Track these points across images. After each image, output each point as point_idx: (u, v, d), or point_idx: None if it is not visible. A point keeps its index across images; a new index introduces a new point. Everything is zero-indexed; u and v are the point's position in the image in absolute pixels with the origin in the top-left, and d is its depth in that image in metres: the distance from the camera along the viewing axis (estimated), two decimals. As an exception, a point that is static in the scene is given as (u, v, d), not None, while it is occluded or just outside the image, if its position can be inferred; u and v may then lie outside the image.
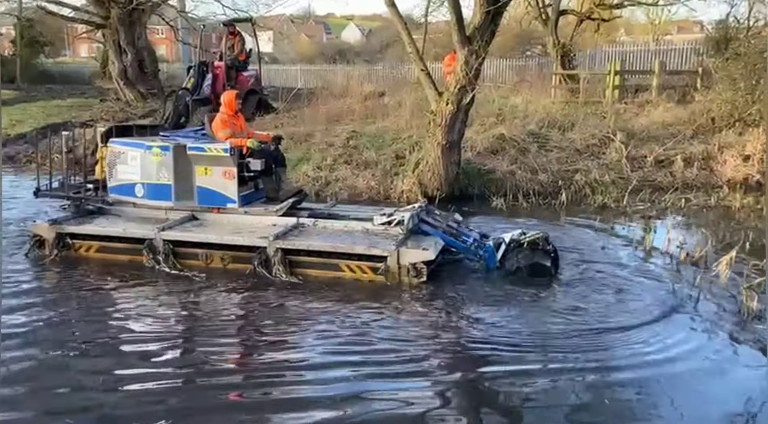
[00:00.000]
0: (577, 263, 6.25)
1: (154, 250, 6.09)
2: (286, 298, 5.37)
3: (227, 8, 17.19)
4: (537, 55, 21.87)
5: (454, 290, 5.53)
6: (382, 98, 14.51)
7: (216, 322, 4.93)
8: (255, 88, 14.04)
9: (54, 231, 6.41)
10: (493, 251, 5.90)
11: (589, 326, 4.73)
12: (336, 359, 4.27)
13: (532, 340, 4.53)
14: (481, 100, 11.21)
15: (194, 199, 6.46)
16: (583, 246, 6.88)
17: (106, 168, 6.75)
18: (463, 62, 8.28)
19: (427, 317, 4.98)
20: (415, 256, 5.57)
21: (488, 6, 8.03)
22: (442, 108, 8.67)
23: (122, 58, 16.08)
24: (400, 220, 5.92)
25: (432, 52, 18.28)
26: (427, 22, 10.53)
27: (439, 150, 8.88)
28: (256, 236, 5.94)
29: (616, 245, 7.02)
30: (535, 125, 11.14)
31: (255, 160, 6.36)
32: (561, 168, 9.87)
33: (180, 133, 7.10)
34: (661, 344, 4.44)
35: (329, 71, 21.51)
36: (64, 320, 5.00)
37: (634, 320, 4.83)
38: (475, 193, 9.34)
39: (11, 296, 5.40)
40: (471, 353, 4.45)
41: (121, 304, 5.33)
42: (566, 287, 5.59)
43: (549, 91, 14.93)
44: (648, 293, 5.44)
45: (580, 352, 4.31)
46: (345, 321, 4.88)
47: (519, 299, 5.34)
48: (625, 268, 6.14)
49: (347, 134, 11.07)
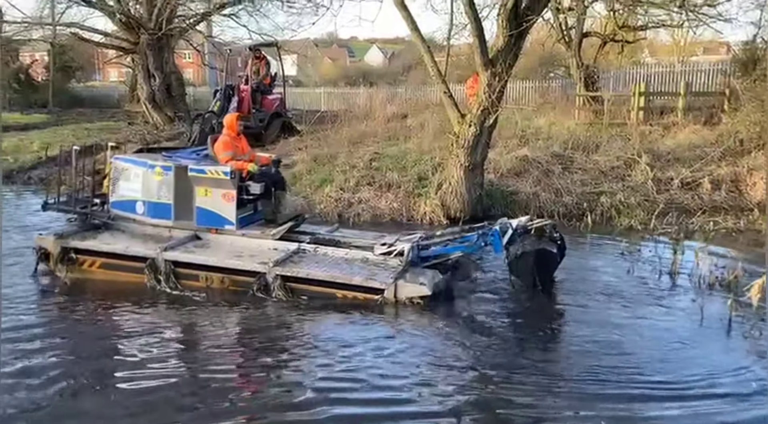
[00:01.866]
0: (602, 286, 6.15)
1: (155, 269, 6.12)
2: (288, 317, 5.38)
3: (253, 33, 17.52)
4: (560, 77, 21.82)
5: (473, 328, 5.41)
6: (404, 120, 14.58)
7: (221, 347, 4.90)
8: (279, 111, 14.23)
9: (59, 245, 6.47)
10: (499, 236, 5.80)
11: (615, 357, 4.60)
12: (339, 384, 4.22)
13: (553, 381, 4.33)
14: (504, 122, 11.20)
15: (193, 219, 6.51)
16: (609, 268, 6.78)
17: (110, 184, 6.84)
18: (486, 85, 8.30)
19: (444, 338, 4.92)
20: (412, 290, 5.54)
21: (511, 29, 8.06)
22: (464, 130, 8.68)
23: (150, 82, 16.44)
24: (399, 251, 5.91)
25: (454, 75, 18.36)
26: (449, 45, 10.60)
27: (462, 172, 8.87)
28: (256, 260, 5.97)
29: (642, 267, 6.89)
30: (559, 147, 11.07)
31: (255, 184, 6.45)
32: (585, 190, 9.77)
33: (182, 154, 7.18)
34: (695, 374, 4.31)
35: (352, 94, 21.72)
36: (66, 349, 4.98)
37: (662, 350, 4.71)
38: (499, 214, 9.25)
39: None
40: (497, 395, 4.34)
41: (123, 327, 5.36)
42: (591, 313, 5.49)
43: (572, 113, 14.86)
44: (677, 319, 5.32)
45: (611, 400, 4.02)
46: (348, 341, 4.85)
47: (540, 326, 5.25)
48: (652, 292, 6.03)
49: (370, 156, 11.12)
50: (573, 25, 16.55)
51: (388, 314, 5.41)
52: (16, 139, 15.07)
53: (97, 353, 4.77)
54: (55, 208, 7.16)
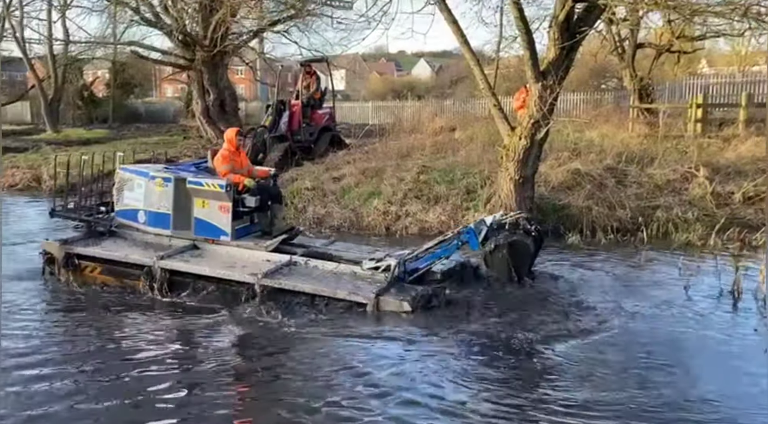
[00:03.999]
0: (658, 303, 5.94)
1: (151, 277, 6.31)
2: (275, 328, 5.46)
3: (303, 49, 17.87)
4: (612, 89, 21.38)
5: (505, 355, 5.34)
6: (452, 133, 14.55)
7: (216, 357, 4.95)
8: (329, 125, 14.42)
9: (63, 251, 6.75)
10: (474, 233, 6.00)
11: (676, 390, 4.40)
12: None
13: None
14: (555, 135, 11.03)
15: (191, 229, 6.71)
16: (664, 285, 6.55)
17: (115, 193, 7.11)
18: (537, 97, 8.19)
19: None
20: (393, 305, 5.62)
21: (563, 42, 7.94)
22: (515, 143, 8.58)
23: (205, 98, 16.96)
24: (386, 266, 5.99)
25: (503, 87, 18.25)
26: (498, 58, 10.54)
27: (512, 185, 8.75)
28: (247, 271, 6.09)
29: (701, 285, 6.62)
30: (612, 160, 10.81)
31: (250, 197, 6.62)
32: (640, 204, 9.49)
33: (183, 166, 7.43)
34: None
35: (400, 107, 21.84)
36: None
37: (729, 382, 4.47)
38: (550, 229, 9.09)
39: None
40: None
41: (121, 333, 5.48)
42: (644, 333, 5.30)
43: (626, 125, 14.52)
44: (742, 345, 5.06)
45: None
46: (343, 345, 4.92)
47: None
48: (710, 312, 5.78)
49: (418, 169, 11.11)
50: (626, 36, 16.22)
51: (371, 323, 5.49)
52: (78, 154, 15.73)
53: (87, 356, 4.93)
54: (61, 215, 7.48)
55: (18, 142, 19.30)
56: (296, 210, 10.26)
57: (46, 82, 24.89)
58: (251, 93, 34.98)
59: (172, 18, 16.21)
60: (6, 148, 17.94)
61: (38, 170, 14.62)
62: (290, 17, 16.33)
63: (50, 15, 23.31)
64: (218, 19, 14.91)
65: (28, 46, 25.09)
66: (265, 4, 16.06)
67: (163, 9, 16.37)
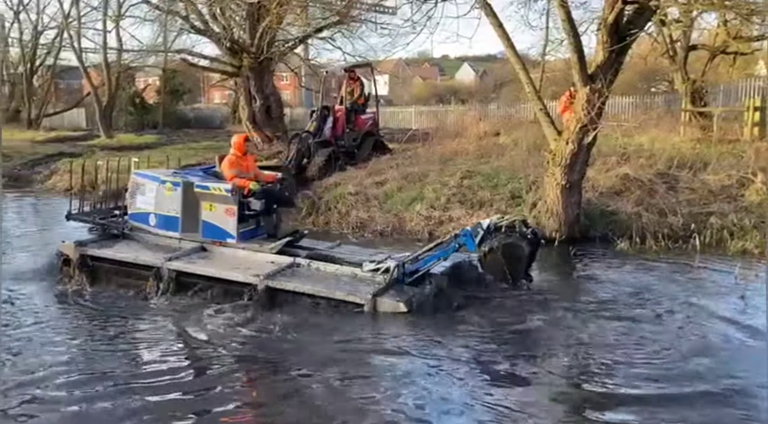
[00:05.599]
0: (711, 313, 5.72)
1: (159, 277, 6.48)
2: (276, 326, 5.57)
3: (347, 55, 18.01)
4: (663, 92, 20.80)
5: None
6: (496, 138, 14.40)
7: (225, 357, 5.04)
8: (372, 130, 14.45)
9: (78, 252, 6.97)
10: (470, 235, 6.07)
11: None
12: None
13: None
14: (602, 139, 10.77)
15: (199, 232, 6.88)
16: (719, 294, 6.30)
17: (128, 197, 7.34)
18: (584, 101, 8.03)
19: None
20: (389, 306, 5.70)
21: (612, 45, 7.77)
22: (561, 147, 8.43)
23: (251, 104, 17.24)
24: (386, 268, 6.08)
25: (549, 91, 17.98)
26: (544, 62, 10.39)
27: (559, 190, 8.60)
28: (250, 273, 6.21)
29: (759, 295, 6.33)
30: (663, 165, 10.48)
31: (255, 201, 6.77)
32: (693, 210, 9.16)
33: (192, 171, 7.65)
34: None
35: (443, 112, 21.77)
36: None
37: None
38: (598, 235, 8.90)
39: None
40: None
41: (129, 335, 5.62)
42: (697, 347, 5.11)
43: (677, 129, 14.08)
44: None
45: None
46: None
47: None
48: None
49: (461, 174, 11.02)
50: (678, 37, 15.75)
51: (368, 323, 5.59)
52: (126, 159, 16.25)
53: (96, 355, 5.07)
54: (77, 218, 7.70)
55: (74, 148, 20.08)
56: (339, 215, 10.32)
57: (101, 89, 25.82)
58: (296, 99, 35.44)
59: (220, 26, 16.56)
60: (62, 153, 18.69)
61: (90, 174, 15.10)
62: (335, 23, 16.48)
63: (105, 25, 24.19)
64: (265, 27, 15.16)
65: (84, 55, 26.12)
66: (310, 11, 16.25)
67: (212, 17, 16.74)
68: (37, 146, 20.98)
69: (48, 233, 9.79)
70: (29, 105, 29.75)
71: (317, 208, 10.65)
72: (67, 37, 26.84)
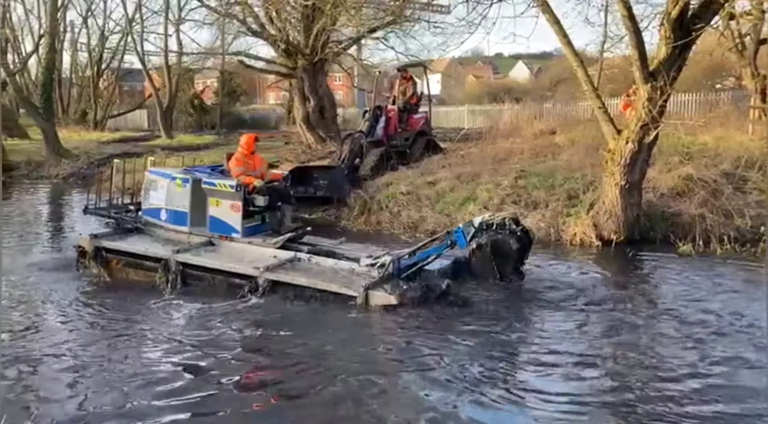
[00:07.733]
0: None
1: (167, 269, 6.74)
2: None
3: (400, 54, 18.01)
4: (729, 89, 19.88)
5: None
6: (552, 136, 14.08)
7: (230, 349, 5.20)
8: (424, 129, 14.40)
9: (93, 245, 7.32)
10: (462, 232, 6.22)
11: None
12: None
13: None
14: (664, 138, 10.37)
15: (207, 226, 7.10)
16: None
17: (142, 193, 7.69)
18: (645, 99, 7.76)
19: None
20: (381, 299, 5.93)
21: (676, 40, 7.48)
22: (621, 146, 8.17)
23: (306, 104, 17.48)
24: (382, 263, 6.31)
25: (607, 88, 17.46)
26: (602, 59, 10.10)
27: (618, 190, 8.34)
28: (252, 266, 6.46)
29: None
30: (730, 165, 10.00)
31: (260, 197, 7.05)
32: (762, 212, 8.72)
33: (200, 168, 7.99)
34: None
35: (497, 111, 21.47)
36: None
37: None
38: (659, 237, 8.58)
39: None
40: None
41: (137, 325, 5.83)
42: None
43: (745, 128, 13.40)
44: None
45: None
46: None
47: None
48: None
49: (516, 173, 10.82)
50: (748, 31, 15.01)
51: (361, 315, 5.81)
52: (187, 159, 16.75)
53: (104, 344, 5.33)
54: (93, 213, 8.17)
55: (136, 148, 20.84)
56: (391, 214, 10.32)
57: (162, 91, 26.74)
58: (349, 99, 35.72)
59: (276, 28, 16.85)
60: (126, 154, 19.43)
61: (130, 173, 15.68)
62: (389, 23, 16.50)
63: (166, 29, 25.10)
64: (319, 28, 15.34)
65: (146, 58, 27.12)
66: (364, 12, 16.32)
67: (268, 20, 17.06)
68: (102, 147, 21.91)
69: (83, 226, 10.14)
70: (95, 107, 31.13)
71: (369, 207, 10.67)
72: (130, 41, 27.95)
